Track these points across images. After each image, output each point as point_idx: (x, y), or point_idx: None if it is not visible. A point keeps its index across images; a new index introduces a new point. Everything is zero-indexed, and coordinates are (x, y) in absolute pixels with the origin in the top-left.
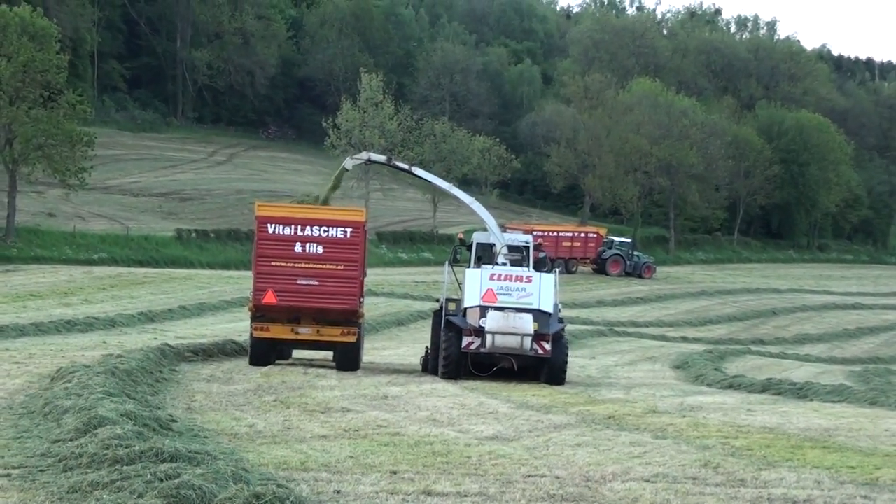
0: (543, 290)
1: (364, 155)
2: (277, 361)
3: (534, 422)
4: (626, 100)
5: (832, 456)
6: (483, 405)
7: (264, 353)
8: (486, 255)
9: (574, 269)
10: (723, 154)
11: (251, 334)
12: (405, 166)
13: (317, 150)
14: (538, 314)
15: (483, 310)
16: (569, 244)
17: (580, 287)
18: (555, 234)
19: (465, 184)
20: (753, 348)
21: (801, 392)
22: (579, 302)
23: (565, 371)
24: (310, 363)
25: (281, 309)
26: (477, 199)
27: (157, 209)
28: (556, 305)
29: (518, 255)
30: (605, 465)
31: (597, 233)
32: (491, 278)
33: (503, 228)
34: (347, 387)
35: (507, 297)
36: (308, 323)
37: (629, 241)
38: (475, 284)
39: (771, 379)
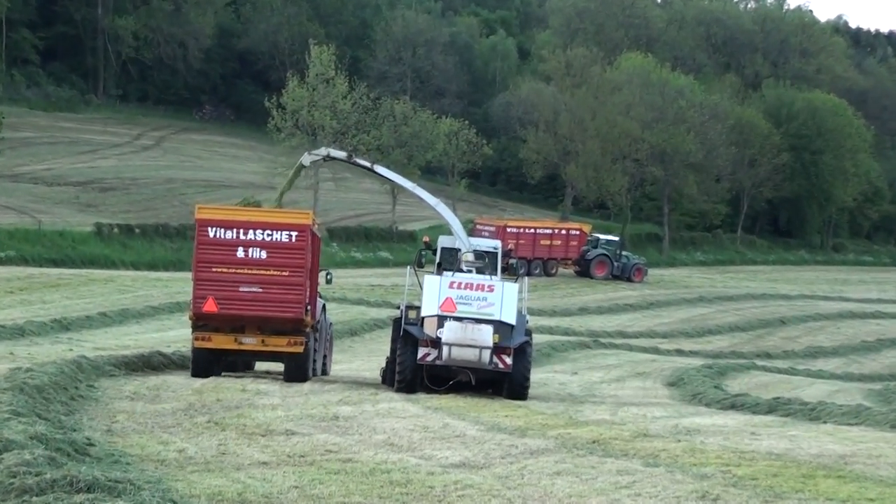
0: (506, 299)
1: (323, 151)
2: (224, 374)
3: (506, 447)
4: (614, 77)
5: (848, 486)
6: (448, 427)
7: (207, 364)
8: (450, 261)
9: (554, 271)
10: (724, 140)
11: (192, 344)
12: (367, 164)
13: (259, 133)
14: (499, 325)
15: (441, 319)
16: (548, 243)
17: (560, 292)
18: (531, 230)
19: (429, 173)
20: (758, 363)
21: (813, 413)
22: (560, 309)
23: (527, 387)
24: (255, 375)
25: (222, 317)
26: (442, 200)
27: (74, 200)
28: (521, 316)
29: (481, 262)
30: (588, 497)
31: (580, 230)
32: (451, 286)
33: (472, 225)
34: (292, 406)
35: (467, 306)
36: (252, 332)
37: (617, 239)
38: (434, 292)
39: (779, 398)
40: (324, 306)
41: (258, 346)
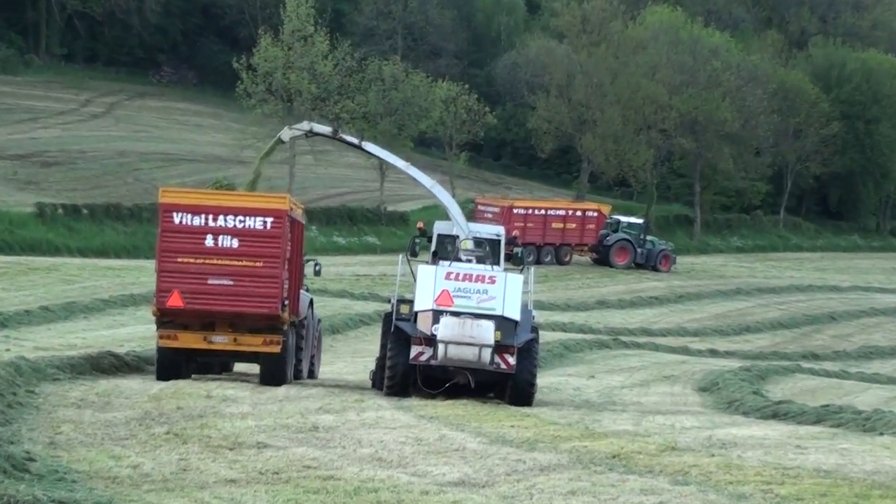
0: (509, 292)
1: (305, 125)
2: (195, 376)
3: (513, 462)
4: (638, 34)
5: None
6: (445, 439)
7: (173, 366)
8: (447, 249)
9: (567, 258)
10: (765, 107)
11: (157, 343)
12: (354, 140)
13: (226, 99)
14: (501, 321)
15: (436, 314)
16: (560, 226)
17: (575, 283)
18: (542, 212)
19: (423, 145)
20: (804, 365)
21: (868, 424)
22: (574, 303)
23: (533, 391)
24: (228, 378)
25: (189, 313)
26: (439, 178)
27: (12, 177)
28: (527, 311)
29: (481, 251)
30: None
31: (598, 211)
32: (447, 277)
33: (473, 205)
34: (264, 414)
35: (466, 300)
36: (223, 330)
37: (640, 221)
38: (428, 284)
39: (828, 406)
40: (311, 301)
41: (230, 345)
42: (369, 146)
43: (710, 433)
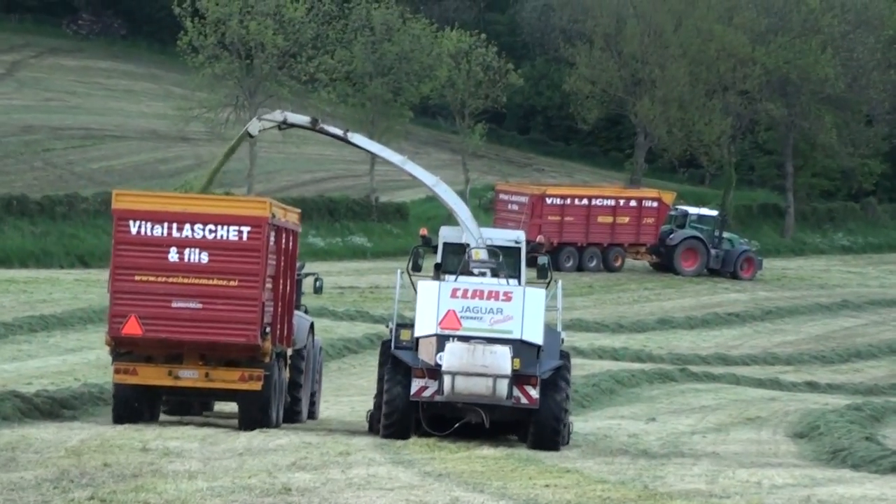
0: (529, 310)
1: (278, 115)
2: (165, 416)
3: None
4: None
5: None
6: None
7: (132, 406)
8: (456, 260)
9: (618, 263)
10: (879, 61)
11: (113, 378)
12: (338, 132)
13: (164, 55)
14: (520, 346)
15: (441, 340)
16: (609, 220)
17: (629, 295)
18: (584, 202)
19: (426, 115)
20: None
21: None
22: (628, 322)
23: (561, 431)
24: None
25: (150, 343)
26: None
27: None
28: (554, 333)
29: (494, 262)
30: None
31: (658, 200)
32: (454, 295)
33: (493, 194)
34: (220, 472)
35: (476, 321)
36: (192, 363)
37: (715, 214)
38: (431, 304)
39: None
40: (311, 326)
41: (200, 381)
42: (357, 138)
43: (808, 493)
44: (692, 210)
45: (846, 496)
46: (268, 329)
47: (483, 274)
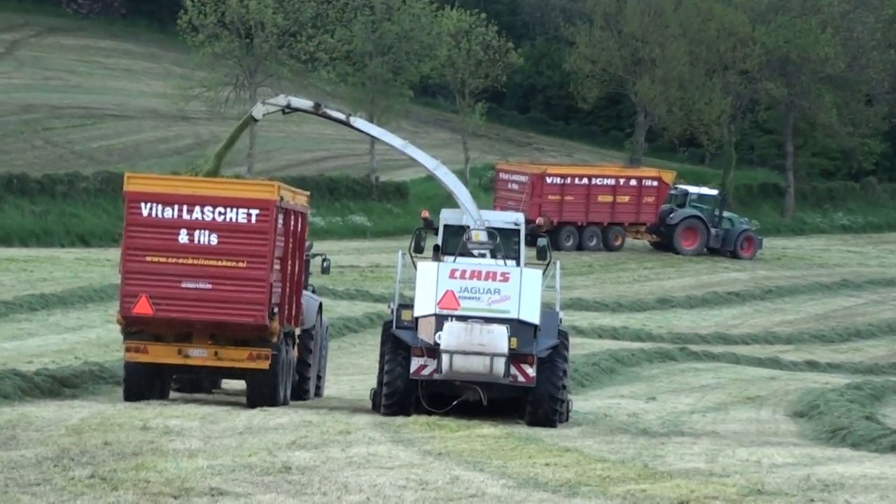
0: (526, 290)
1: (281, 100)
2: (175, 394)
3: None
4: None
5: None
6: (459, 482)
7: (143, 384)
8: (456, 243)
9: (618, 242)
10: (879, 40)
11: (124, 357)
12: (341, 116)
13: (164, 35)
14: (517, 326)
15: (439, 320)
16: (609, 199)
17: (629, 274)
18: (584, 181)
19: (426, 94)
20: None
21: None
22: (628, 301)
23: (558, 408)
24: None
25: (160, 322)
26: (442, 163)
27: None
28: (551, 313)
29: (492, 243)
30: None
31: (658, 179)
32: (451, 275)
33: (493, 174)
34: (220, 451)
35: (474, 301)
36: (202, 342)
37: (715, 193)
38: (429, 284)
39: None
40: (320, 306)
41: (210, 360)
42: (359, 122)
43: (808, 472)
44: (692, 189)
45: (846, 475)
46: (275, 309)
47: (483, 255)
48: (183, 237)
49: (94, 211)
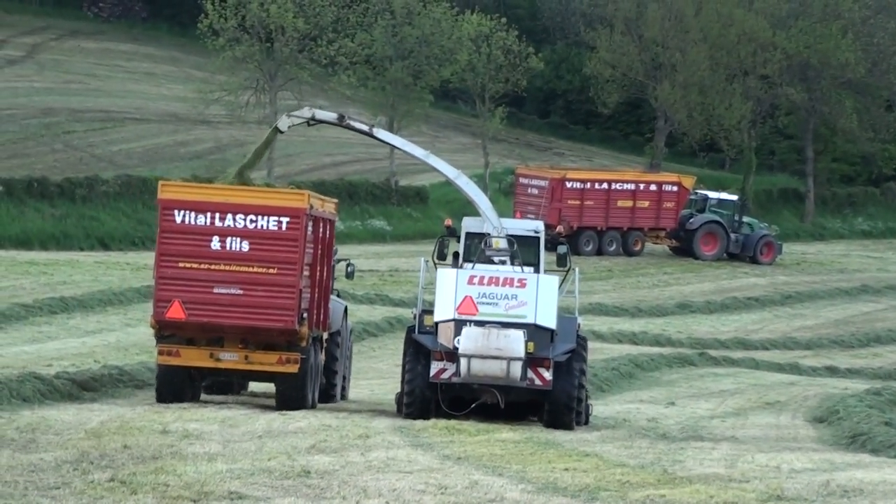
0: (543, 296)
1: (306, 112)
2: (206, 396)
3: None
4: None
5: None
6: (478, 487)
7: (176, 386)
8: (477, 250)
9: (638, 247)
10: None
11: (157, 360)
12: (364, 127)
13: (185, 38)
14: (534, 330)
15: (458, 325)
16: (628, 204)
17: (649, 279)
18: (604, 186)
19: (447, 99)
20: None
21: None
22: (647, 306)
23: (574, 409)
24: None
25: (192, 326)
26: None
27: None
28: (569, 319)
29: (508, 251)
30: None
31: (678, 184)
32: (470, 282)
33: (513, 178)
34: (239, 455)
35: (492, 307)
36: (233, 346)
37: (735, 198)
38: (449, 290)
39: None
40: (345, 310)
41: (240, 363)
42: (382, 133)
43: (827, 477)
44: (712, 194)
45: (865, 481)
46: (305, 315)
47: (503, 262)
48: (215, 244)
49: (113, 214)
